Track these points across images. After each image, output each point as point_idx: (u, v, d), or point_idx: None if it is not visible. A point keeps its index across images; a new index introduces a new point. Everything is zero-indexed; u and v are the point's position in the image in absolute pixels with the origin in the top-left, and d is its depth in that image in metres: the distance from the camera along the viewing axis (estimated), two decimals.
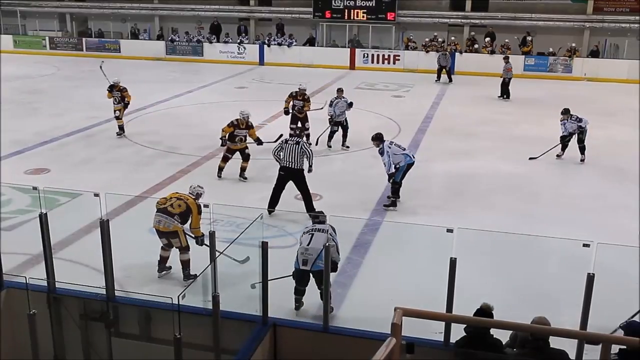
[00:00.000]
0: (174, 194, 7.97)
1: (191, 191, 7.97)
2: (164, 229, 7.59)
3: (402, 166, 10.17)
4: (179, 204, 7.65)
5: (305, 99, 13.66)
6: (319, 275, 6.50)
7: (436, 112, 18.10)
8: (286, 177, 9.94)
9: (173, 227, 7.56)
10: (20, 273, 6.98)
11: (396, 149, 10.24)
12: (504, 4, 27.36)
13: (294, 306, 7.04)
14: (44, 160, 12.74)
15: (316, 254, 6.61)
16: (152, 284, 7.46)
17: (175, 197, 7.78)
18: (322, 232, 6.86)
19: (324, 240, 6.49)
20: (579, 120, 12.85)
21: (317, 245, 6.65)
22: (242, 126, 11.36)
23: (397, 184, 10.26)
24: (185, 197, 7.79)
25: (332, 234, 6.91)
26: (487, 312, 4.89)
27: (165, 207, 7.62)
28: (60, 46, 30.00)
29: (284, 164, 9.87)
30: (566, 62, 24.50)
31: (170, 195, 7.94)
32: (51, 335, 6.04)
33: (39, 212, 6.11)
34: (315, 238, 6.80)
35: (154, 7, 31.17)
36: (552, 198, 10.99)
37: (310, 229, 7.03)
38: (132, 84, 21.74)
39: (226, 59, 27.75)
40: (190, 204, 7.68)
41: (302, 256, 6.75)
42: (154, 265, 8.02)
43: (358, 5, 27.70)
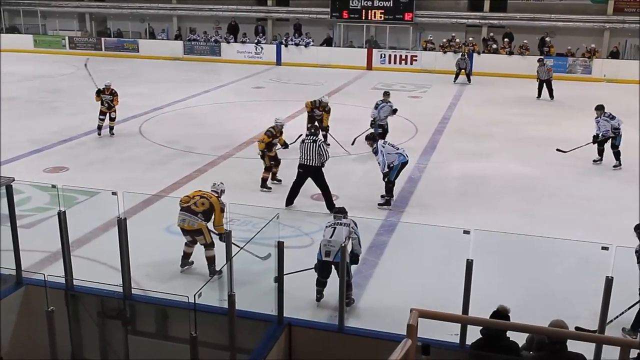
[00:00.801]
0: (197, 192, 8.03)
1: (214, 189, 8.09)
2: (189, 227, 7.69)
3: (396, 165, 10.27)
4: (202, 202, 7.74)
5: (326, 110, 13.55)
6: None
7: (453, 113, 18.02)
8: (304, 174, 10.16)
9: (197, 225, 7.66)
10: (39, 270, 7.07)
11: (390, 149, 10.35)
12: (522, 4, 27.17)
13: (315, 297, 7.18)
14: (62, 158, 12.86)
15: (338, 246, 6.75)
16: (169, 282, 7.50)
17: (199, 196, 7.86)
18: (344, 226, 7.12)
19: (346, 233, 6.94)
20: (612, 117, 12.52)
21: (339, 238, 6.90)
22: (277, 134, 11.25)
23: (390, 182, 10.35)
24: (209, 195, 7.88)
25: (353, 227, 7.19)
26: (503, 315, 4.86)
27: (189, 206, 7.70)
28: (80, 46, 30.26)
29: (302, 161, 10.07)
30: (585, 63, 24.27)
31: (193, 193, 8.00)
32: (69, 332, 6.09)
33: (58, 210, 6.17)
34: (337, 231, 7.06)
35: (172, 7, 31.35)
36: (568, 200, 10.89)
37: (333, 222, 7.26)
38: (150, 83, 22.04)
39: (243, 58, 27.83)
40: (214, 202, 7.77)
41: (325, 248, 6.98)
42: (170, 264, 8.07)
43: (375, 5, 27.65)
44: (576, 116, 17.31)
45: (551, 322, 4.71)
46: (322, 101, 13.62)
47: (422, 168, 12.59)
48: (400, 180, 11.60)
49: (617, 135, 12.50)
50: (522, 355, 4.90)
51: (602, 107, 12.77)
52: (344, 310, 6.03)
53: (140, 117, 16.68)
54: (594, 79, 23.76)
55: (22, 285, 6.34)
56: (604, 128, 12.54)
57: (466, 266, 5.24)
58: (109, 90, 14.61)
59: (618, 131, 12.49)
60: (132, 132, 15.14)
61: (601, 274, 5.11)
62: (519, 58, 24.53)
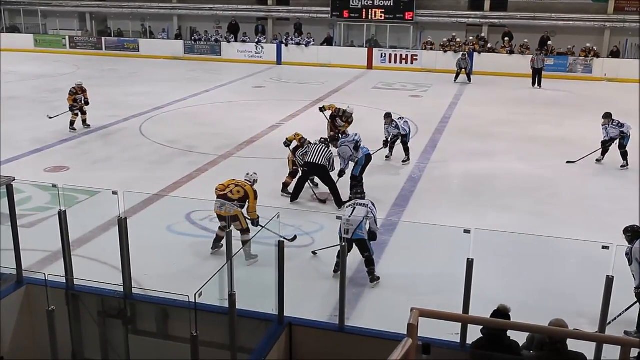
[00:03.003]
0: (232, 180, 8.43)
1: (248, 178, 8.54)
2: (225, 214, 8.08)
3: (361, 159, 10.43)
4: (238, 190, 8.19)
5: (349, 121, 13.13)
6: (360, 243, 7.57)
7: (454, 112, 18.02)
8: (310, 172, 10.27)
9: (234, 211, 8.07)
10: (40, 270, 7.08)
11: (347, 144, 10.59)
12: (523, 3, 27.14)
13: (333, 269, 7.70)
14: (63, 158, 12.87)
15: (356, 224, 7.49)
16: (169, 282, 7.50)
17: (234, 184, 8.30)
18: (363, 206, 7.74)
19: (364, 213, 7.60)
20: (620, 125, 12.46)
21: (358, 217, 7.55)
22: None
23: (356, 179, 10.41)
24: (243, 184, 8.34)
25: (371, 207, 7.80)
26: (504, 314, 4.85)
27: (225, 194, 8.15)
28: (80, 45, 30.29)
29: (309, 159, 10.17)
30: (586, 63, 24.25)
31: (227, 182, 8.38)
32: (69, 331, 6.08)
33: (58, 209, 6.16)
34: (356, 211, 7.66)
35: (172, 7, 31.34)
36: (570, 200, 10.89)
37: (353, 203, 7.91)
38: (151, 83, 22.04)
39: (244, 58, 27.84)
40: (248, 190, 8.25)
41: (344, 226, 7.51)
42: (171, 263, 8.07)
43: (376, 4, 27.62)
44: (577, 115, 17.31)
45: (551, 322, 4.70)
46: (347, 113, 13.10)
47: (423, 167, 12.59)
48: (400, 179, 11.63)
49: (624, 136, 12.47)
50: (523, 354, 4.89)
51: (609, 115, 12.72)
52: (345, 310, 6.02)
53: (141, 116, 16.69)
54: (594, 78, 23.75)
55: (23, 285, 6.34)
56: (613, 134, 12.52)
57: (467, 265, 5.23)
58: (81, 90, 14.99)
59: (625, 134, 12.45)
60: (133, 132, 15.14)
61: (602, 273, 5.10)
62: (520, 57, 24.50)
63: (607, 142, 12.65)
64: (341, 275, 6.03)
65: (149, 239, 8.50)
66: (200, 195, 9.94)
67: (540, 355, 4.77)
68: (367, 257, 7.66)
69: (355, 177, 10.47)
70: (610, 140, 12.59)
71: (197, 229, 9.33)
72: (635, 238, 6.76)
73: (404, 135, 12.68)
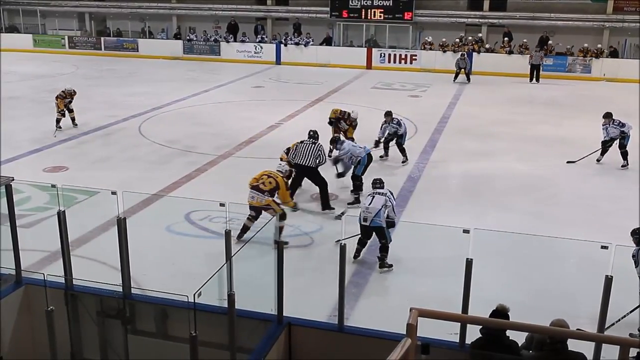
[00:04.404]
0: (264, 172, 8.93)
1: (280, 169, 9.11)
2: (258, 204, 8.62)
3: (363, 158, 10.49)
4: (270, 181, 8.70)
5: (353, 125, 13.06)
6: (378, 230, 8.01)
7: (453, 112, 18.02)
8: (300, 174, 10.24)
9: (265, 201, 8.60)
10: (39, 270, 7.07)
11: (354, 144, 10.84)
12: (522, 3, 27.15)
13: (353, 255, 8.15)
14: (62, 158, 12.87)
15: (375, 212, 7.96)
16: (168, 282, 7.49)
17: (266, 175, 8.81)
18: (381, 195, 8.17)
19: (383, 202, 8.04)
20: (621, 125, 12.45)
21: (376, 206, 8.00)
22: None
23: (358, 179, 10.47)
24: (275, 175, 8.84)
25: (389, 196, 8.25)
26: (502, 314, 4.85)
27: (258, 185, 8.66)
28: (79, 45, 30.27)
29: (297, 162, 10.13)
30: (585, 62, 24.26)
31: (260, 174, 8.87)
32: (68, 331, 6.08)
33: (57, 209, 6.16)
34: (375, 199, 8.10)
35: (171, 7, 31.34)
36: (569, 200, 10.89)
37: (372, 192, 8.31)
38: (150, 83, 22.04)
39: (243, 58, 27.84)
40: (280, 181, 8.78)
41: (363, 214, 8.02)
42: (170, 263, 8.07)
43: (375, 4, 27.62)
44: (577, 115, 17.32)
45: (552, 322, 4.70)
46: (352, 116, 13.01)
47: (422, 167, 12.59)
48: (399, 179, 11.63)
49: (625, 136, 12.47)
50: (522, 354, 4.89)
51: (610, 114, 12.70)
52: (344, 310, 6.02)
53: (140, 116, 16.68)
54: (593, 78, 23.77)
55: (22, 285, 6.33)
56: (613, 134, 12.51)
57: (465, 265, 5.23)
58: (70, 95, 15.18)
59: (626, 134, 12.44)
60: (132, 132, 15.14)
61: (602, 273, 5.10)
62: (519, 57, 24.51)
63: (607, 142, 12.64)
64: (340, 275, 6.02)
65: (148, 239, 8.50)
66: (199, 196, 9.97)
67: (540, 355, 4.77)
68: (384, 244, 8.04)
69: (357, 176, 10.47)
70: (611, 140, 12.58)
71: (196, 229, 9.32)
72: None
73: (400, 135, 12.63)
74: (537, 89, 22.08)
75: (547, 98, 20.17)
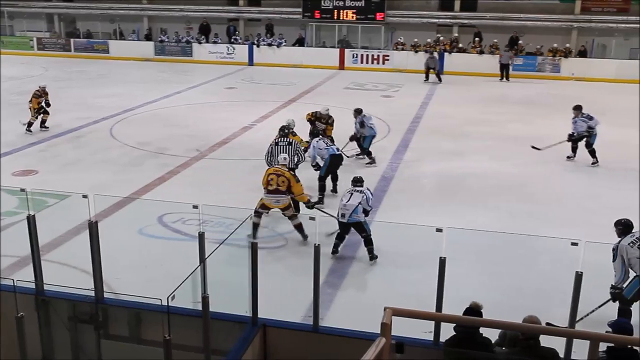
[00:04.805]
0: (270, 170, 8.88)
1: (284, 163, 8.99)
2: (282, 206, 8.71)
3: (326, 159, 10.62)
4: (282, 180, 8.66)
5: (329, 122, 12.85)
6: (356, 225, 8.31)
7: (425, 112, 18.15)
8: None
9: (288, 201, 8.73)
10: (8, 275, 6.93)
11: (322, 144, 10.82)
12: (492, 4, 27.46)
13: (331, 250, 8.36)
14: (32, 161, 12.67)
15: (352, 209, 8.21)
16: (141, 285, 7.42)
17: (274, 174, 8.72)
18: (359, 193, 8.38)
19: (359, 199, 8.27)
20: (589, 118, 12.66)
21: (354, 202, 8.24)
22: None
23: (321, 179, 10.56)
24: (282, 172, 8.76)
25: (367, 193, 8.46)
26: (476, 311, 4.90)
27: (276, 188, 8.63)
28: (48, 47, 29.84)
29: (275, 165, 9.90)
30: (554, 62, 24.61)
31: (267, 172, 8.83)
32: (40, 337, 6.00)
33: (27, 213, 6.07)
34: (353, 197, 8.32)
35: (142, 8, 31.06)
36: (543, 197, 11.00)
37: (351, 189, 8.48)
38: (121, 84, 21.81)
39: (215, 59, 27.69)
40: (289, 177, 8.72)
41: (341, 211, 8.28)
42: (143, 266, 7.99)
43: (347, 5, 27.70)
44: (548, 114, 17.55)
45: (524, 318, 4.77)
46: (322, 113, 12.81)
47: (395, 167, 12.64)
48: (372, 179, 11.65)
49: (591, 134, 12.65)
50: (495, 351, 4.94)
51: (579, 107, 12.90)
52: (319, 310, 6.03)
53: (111, 118, 16.50)
54: (562, 77, 24.12)
55: None
56: (580, 128, 12.70)
57: (439, 264, 5.27)
58: (44, 93, 15.07)
59: (593, 130, 12.63)
60: (104, 134, 14.97)
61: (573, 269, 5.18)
62: (490, 57, 24.78)
63: (574, 136, 12.81)
64: (314, 275, 6.02)
65: (120, 243, 8.40)
66: (172, 198, 9.88)
67: (513, 352, 4.83)
68: (365, 236, 8.31)
69: (320, 177, 10.55)
70: (578, 137, 12.76)
71: (169, 231, 9.25)
72: (625, 233, 6.63)
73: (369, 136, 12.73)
74: (509, 88, 22.34)
75: (519, 97, 20.41)
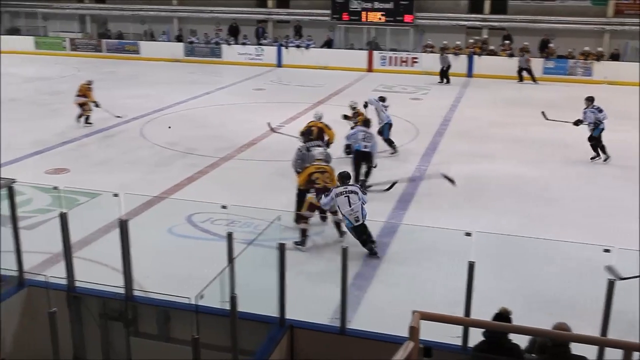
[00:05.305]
0: (311, 168, 8.90)
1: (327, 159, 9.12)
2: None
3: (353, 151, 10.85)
4: (327, 176, 8.80)
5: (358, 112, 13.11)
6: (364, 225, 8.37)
7: (454, 115, 18.03)
8: None
9: None
10: (41, 272, 7.06)
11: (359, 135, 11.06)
12: (523, 6, 27.16)
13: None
14: (64, 160, 12.87)
15: (359, 209, 8.28)
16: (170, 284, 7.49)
17: (319, 172, 8.80)
18: (354, 194, 8.35)
19: (358, 199, 8.30)
20: (599, 110, 12.80)
21: (357, 203, 8.29)
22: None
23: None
24: (324, 167, 8.88)
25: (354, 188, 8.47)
26: (505, 317, 4.86)
27: (325, 186, 8.70)
28: (81, 47, 30.30)
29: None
30: (586, 65, 24.25)
31: (308, 172, 8.89)
32: (71, 333, 6.09)
33: (59, 211, 6.17)
34: (352, 199, 8.29)
35: (173, 9, 31.37)
36: (570, 202, 10.88)
37: (344, 191, 8.36)
38: (151, 85, 22.06)
39: (244, 60, 27.83)
40: (330, 170, 8.89)
41: (352, 216, 8.27)
42: (172, 265, 8.07)
43: (376, 7, 27.63)
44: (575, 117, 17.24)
45: (554, 325, 4.71)
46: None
47: (424, 170, 12.59)
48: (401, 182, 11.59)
49: (595, 128, 12.76)
50: (525, 358, 4.89)
51: (591, 98, 13.07)
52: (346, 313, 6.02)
53: (141, 118, 16.70)
54: (594, 81, 23.72)
55: (24, 287, 6.34)
56: (589, 119, 12.86)
57: (468, 268, 5.23)
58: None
59: (600, 124, 12.76)
60: (134, 134, 15.16)
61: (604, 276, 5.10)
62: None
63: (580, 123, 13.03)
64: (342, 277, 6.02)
65: (150, 241, 8.50)
66: (200, 198, 9.97)
67: (543, 359, 4.77)
68: (369, 233, 8.44)
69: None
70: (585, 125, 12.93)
71: (198, 231, 9.33)
72: None
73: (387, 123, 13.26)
74: (538, 91, 22.07)
75: (547, 100, 20.13)
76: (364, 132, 11.22)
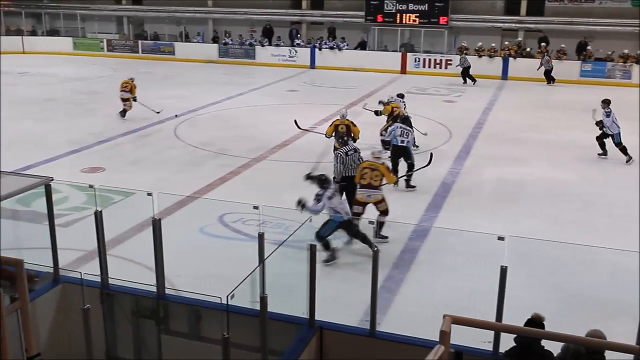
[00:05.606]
0: (365, 163, 9.01)
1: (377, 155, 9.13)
2: (374, 200, 8.83)
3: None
4: (377, 174, 8.81)
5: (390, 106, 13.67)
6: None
7: (488, 118, 17.85)
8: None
9: (380, 196, 8.87)
10: (76, 268, 7.18)
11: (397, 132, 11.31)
12: (560, 8, 26.75)
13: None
14: (99, 159, 13.09)
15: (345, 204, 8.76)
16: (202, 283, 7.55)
17: (368, 169, 8.87)
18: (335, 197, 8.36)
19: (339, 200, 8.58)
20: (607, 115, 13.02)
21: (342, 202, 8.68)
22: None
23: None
24: (376, 165, 8.90)
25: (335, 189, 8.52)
26: (537, 323, 4.78)
27: (369, 183, 8.77)
28: (118, 48, 30.82)
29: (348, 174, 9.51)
30: (625, 68, 23.78)
31: (362, 167, 8.97)
32: (103, 329, 6.18)
33: (94, 209, 6.26)
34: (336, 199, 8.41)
35: (208, 11, 31.68)
36: (605, 206, 10.68)
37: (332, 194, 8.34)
38: (185, 86, 22.30)
39: (277, 62, 27.98)
40: (383, 170, 8.93)
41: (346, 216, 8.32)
42: (203, 264, 8.14)
43: (410, 9, 27.49)
44: None
45: (588, 332, 4.61)
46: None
47: (456, 173, 12.48)
48: (433, 185, 11.53)
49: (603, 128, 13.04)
50: None
51: (607, 101, 13.23)
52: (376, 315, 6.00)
53: (176, 118, 16.86)
54: (633, 84, 23.25)
55: (59, 283, 6.44)
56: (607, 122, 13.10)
57: (500, 273, 5.16)
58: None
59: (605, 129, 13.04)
60: (168, 134, 15.34)
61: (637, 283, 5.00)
62: (556, 62, 24.14)
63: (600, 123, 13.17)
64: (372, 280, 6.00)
65: (182, 240, 8.59)
66: (232, 198, 10.03)
67: None
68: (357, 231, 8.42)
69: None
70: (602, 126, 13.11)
71: (229, 231, 9.39)
72: None
73: None
74: (573, 94, 21.71)
75: (583, 104, 19.77)
76: (402, 128, 11.42)
